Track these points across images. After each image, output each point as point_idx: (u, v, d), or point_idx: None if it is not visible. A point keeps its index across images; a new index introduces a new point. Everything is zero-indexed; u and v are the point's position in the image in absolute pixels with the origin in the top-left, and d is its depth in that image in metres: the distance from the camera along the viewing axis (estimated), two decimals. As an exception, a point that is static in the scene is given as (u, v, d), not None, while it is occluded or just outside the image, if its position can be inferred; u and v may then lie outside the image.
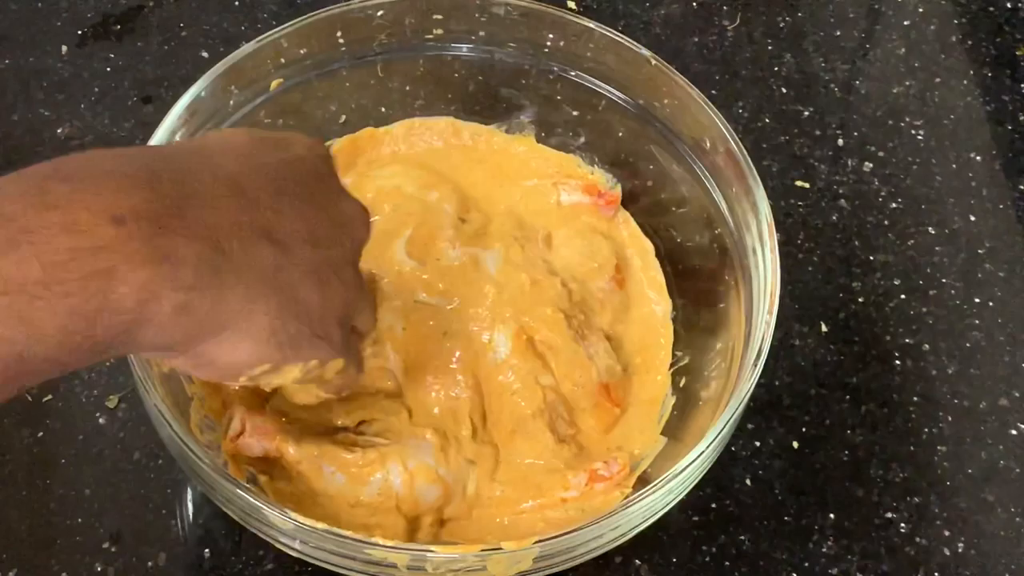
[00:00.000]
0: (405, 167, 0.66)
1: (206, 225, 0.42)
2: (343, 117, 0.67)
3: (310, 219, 0.46)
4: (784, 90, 0.78)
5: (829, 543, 0.61)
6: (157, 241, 0.40)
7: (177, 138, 0.59)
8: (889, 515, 0.62)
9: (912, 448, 0.64)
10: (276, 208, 0.45)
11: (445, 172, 0.67)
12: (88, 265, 0.38)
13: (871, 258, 0.71)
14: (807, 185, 0.73)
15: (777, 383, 0.65)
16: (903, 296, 0.69)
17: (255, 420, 0.56)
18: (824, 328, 0.68)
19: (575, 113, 0.67)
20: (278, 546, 0.51)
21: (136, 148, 0.46)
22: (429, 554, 0.48)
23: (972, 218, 0.73)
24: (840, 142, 0.76)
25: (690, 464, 0.51)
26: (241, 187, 0.44)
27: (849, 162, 0.75)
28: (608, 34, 0.64)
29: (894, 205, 0.73)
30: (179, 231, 0.41)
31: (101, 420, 0.62)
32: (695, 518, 0.61)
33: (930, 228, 0.72)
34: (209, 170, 0.44)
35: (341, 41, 0.65)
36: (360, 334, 0.54)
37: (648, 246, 0.66)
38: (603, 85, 0.65)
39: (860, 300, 0.69)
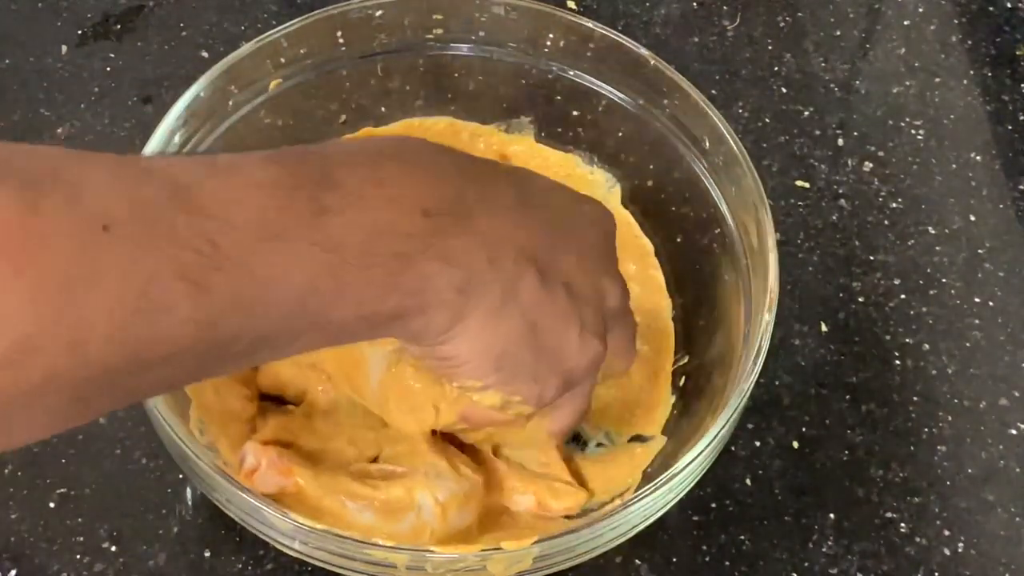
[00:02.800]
0: None
1: (488, 237, 0.45)
2: (343, 117, 0.67)
3: (576, 272, 0.48)
4: (784, 90, 0.78)
5: (829, 543, 0.61)
6: (449, 241, 0.43)
7: (176, 139, 0.59)
8: (889, 515, 0.62)
9: (912, 448, 0.64)
10: (552, 247, 0.47)
11: None
12: (395, 245, 0.42)
13: (871, 258, 0.71)
14: (807, 185, 0.73)
15: (777, 383, 0.65)
16: (903, 296, 0.69)
17: (270, 455, 0.55)
18: (824, 328, 0.68)
19: (575, 113, 0.67)
20: (278, 546, 0.51)
21: (459, 151, 0.49)
22: (429, 554, 0.48)
23: (972, 218, 0.73)
24: (840, 142, 0.76)
25: (690, 464, 0.51)
26: (529, 215, 0.47)
27: (849, 162, 0.75)
28: (608, 34, 0.64)
29: (894, 205, 0.73)
30: (466, 236, 0.44)
31: (101, 420, 0.62)
32: (695, 518, 0.61)
33: (930, 228, 0.72)
34: (509, 188, 0.47)
35: (341, 41, 0.65)
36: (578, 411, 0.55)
37: (648, 246, 0.66)
38: (603, 85, 0.65)
39: (860, 300, 0.69)
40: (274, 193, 0.40)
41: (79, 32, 0.78)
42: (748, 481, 0.62)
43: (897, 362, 0.67)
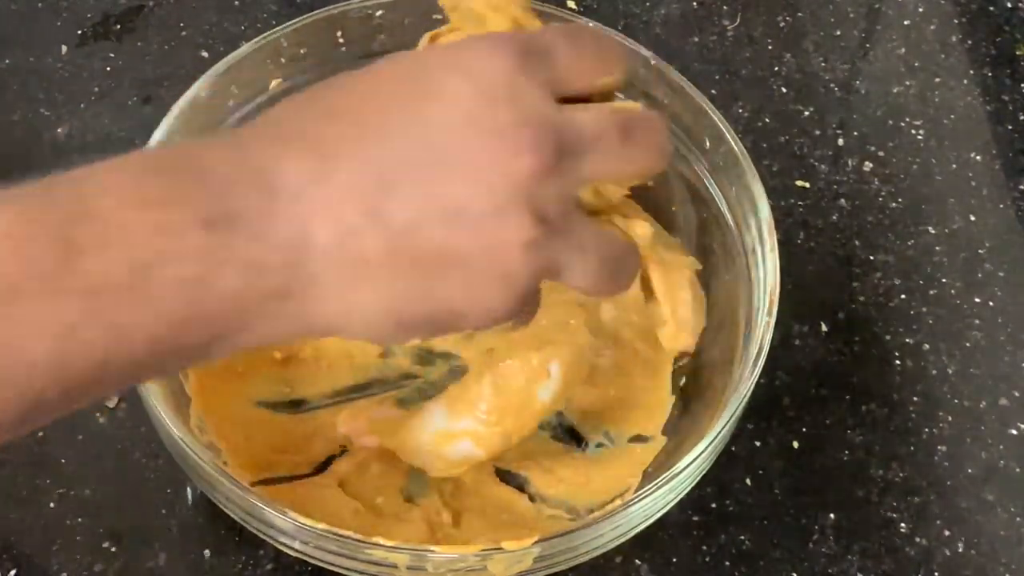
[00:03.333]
0: None
1: (298, 223, 0.38)
2: (343, 117, 0.67)
3: (438, 182, 0.39)
4: (784, 90, 0.78)
5: (829, 543, 0.61)
6: (247, 248, 0.37)
7: (176, 139, 0.59)
8: (889, 515, 0.62)
9: (912, 448, 0.64)
10: (389, 178, 0.39)
11: None
12: (177, 271, 0.36)
13: (871, 258, 0.71)
14: (807, 185, 0.73)
15: (777, 383, 0.65)
16: (903, 296, 0.69)
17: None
18: (824, 328, 0.68)
19: (575, 113, 0.67)
20: (278, 546, 0.51)
21: (263, 124, 0.41)
22: (429, 554, 0.48)
23: (972, 218, 0.73)
24: (840, 142, 0.76)
25: (690, 464, 0.51)
26: (346, 168, 0.39)
27: (849, 162, 0.75)
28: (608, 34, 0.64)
29: (894, 205, 0.73)
30: (267, 235, 0.38)
31: (101, 420, 0.62)
32: (695, 518, 0.61)
33: (930, 228, 0.72)
34: (317, 150, 0.39)
35: (341, 41, 0.65)
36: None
37: (648, 246, 0.66)
38: (603, 85, 0.65)
39: (860, 300, 0.69)
40: (14, 242, 0.35)
41: (79, 32, 0.78)
42: (748, 481, 0.62)
43: (897, 362, 0.67)
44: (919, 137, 0.76)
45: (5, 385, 0.35)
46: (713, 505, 0.61)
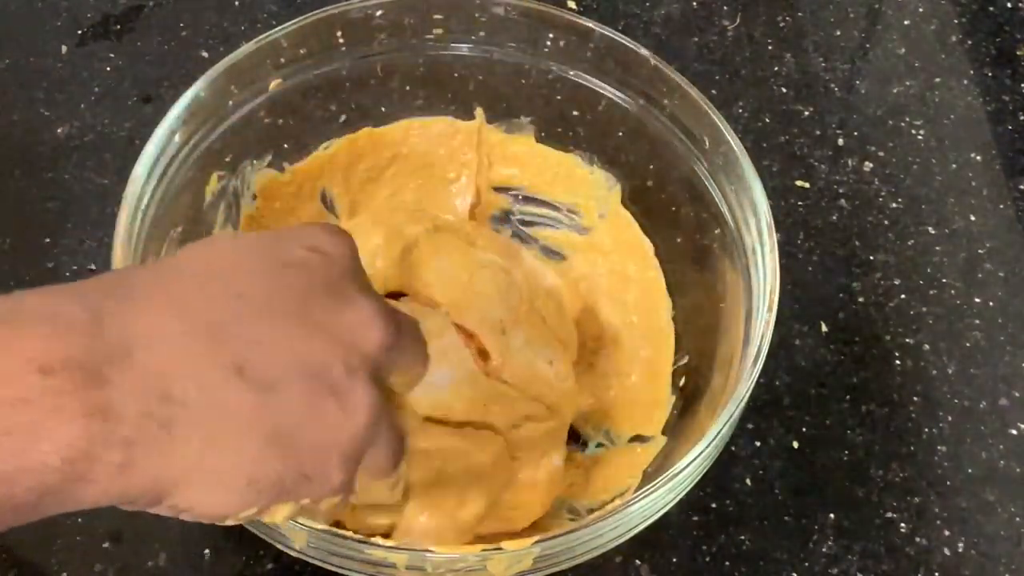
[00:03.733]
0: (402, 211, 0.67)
1: (155, 372, 0.37)
2: (343, 117, 0.67)
3: (299, 342, 0.40)
4: (784, 90, 0.78)
5: (829, 543, 0.61)
6: (90, 394, 0.36)
7: (176, 139, 0.59)
8: (889, 515, 0.62)
9: (912, 448, 0.64)
10: (252, 338, 0.39)
11: None
12: (8, 419, 0.35)
13: (871, 258, 0.71)
14: (807, 185, 0.73)
15: (777, 383, 0.65)
16: (903, 296, 0.69)
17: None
18: (824, 328, 0.68)
19: (575, 113, 0.67)
20: (278, 546, 0.51)
21: (89, 282, 0.40)
22: (428, 554, 0.48)
23: (972, 218, 0.73)
24: (840, 142, 0.76)
25: (690, 464, 0.51)
26: (205, 319, 0.39)
27: (849, 162, 0.75)
28: (608, 34, 0.64)
29: (894, 205, 0.73)
30: (118, 382, 0.36)
31: (101, 420, 0.62)
32: (695, 518, 0.61)
33: (930, 228, 0.72)
34: (169, 301, 0.39)
35: (341, 41, 0.65)
36: (379, 468, 0.45)
37: (648, 246, 0.66)
38: (603, 85, 0.65)
39: (860, 300, 0.69)
40: None
41: (79, 32, 0.78)
42: (748, 481, 0.62)
43: (897, 362, 0.67)
44: (919, 137, 0.76)
45: None
46: (713, 505, 0.61)
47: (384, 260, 0.62)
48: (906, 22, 0.82)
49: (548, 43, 0.66)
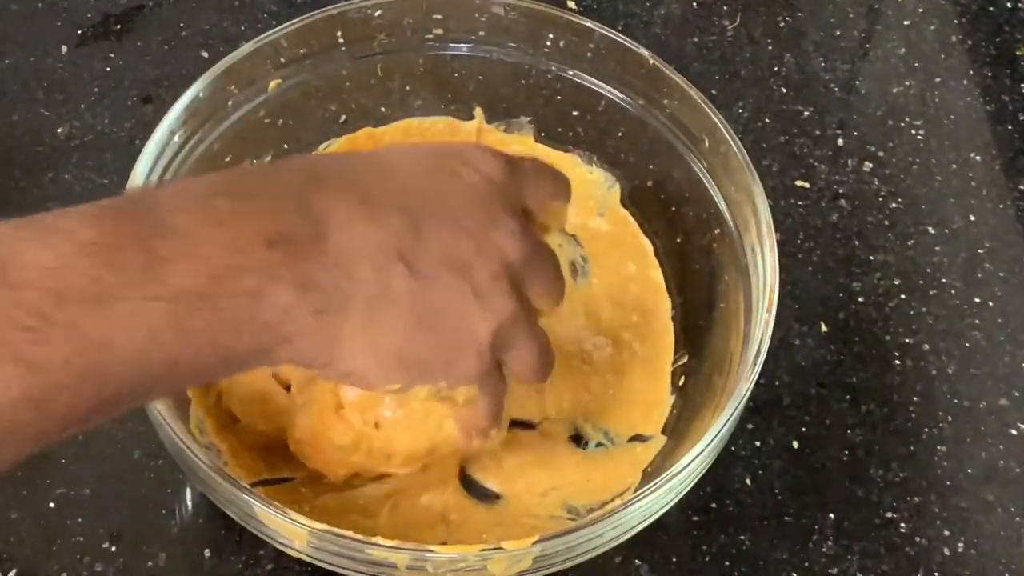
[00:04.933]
0: None
1: (344, 252, 0.43)
2: (343, 117, 0.67)
3: (453, 246, 0.46)
4: (784, 90, 0.78)
5: (829, 543, 0.61)
6: (300, 266, 0.42)
7: (176, 139, 0.59)
8: (889, 515, 0.62)
9: (912, 448, 0.64)
10: (417, 234, 0.45)
11: None
12: (241, 284, 0.41)
13: (871, 258, 0.71)
14: (807, 185, 0.73)
15: (777, 383, 0.65)
16: (903, 296, 0.69)
17: None
18: (824, 328, 0.68)
19: (575, 113, 0.67)
20: (278, 546, 0.51)
21: (298, 164, 0.47)
22: (429, 554, 0.48)
23: (972, 218, 0.73)
24: (840, 142, 0.76)
25: (690, 464, 0.51)
26: (385, 212, 0.45)
27: (849, 162, 0.75)
28: (608, 34, 0.64)
29: (894, 205, 0.73)
30: (319, 257, 0.43)
31: (101, 420, 0.62)
32: (695, 518, 0.61)
33: (930, 228, 0.72)
34: (360, 193, 0.45)
35: (341, 41, 0.65)
36: (512, 373, 0.51)
37: (648, 246, 0.66)
38: (603, 85, 0.65)
39: (860, 300, 0.69)
40: (101, 251, 0.39)
41: (79, 32, 0.78)
42: (748, 481, 0.62)
43: (897, 362, 0.67)
44: (919, 137, 0.76)
45: (91, 380, 0.38)
46: (713, 505, 0.61)
47: None
48: (906, 22, 0.82)
49: (548, 43, 0.66)
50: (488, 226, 0.48)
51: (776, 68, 0.79)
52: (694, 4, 0.82)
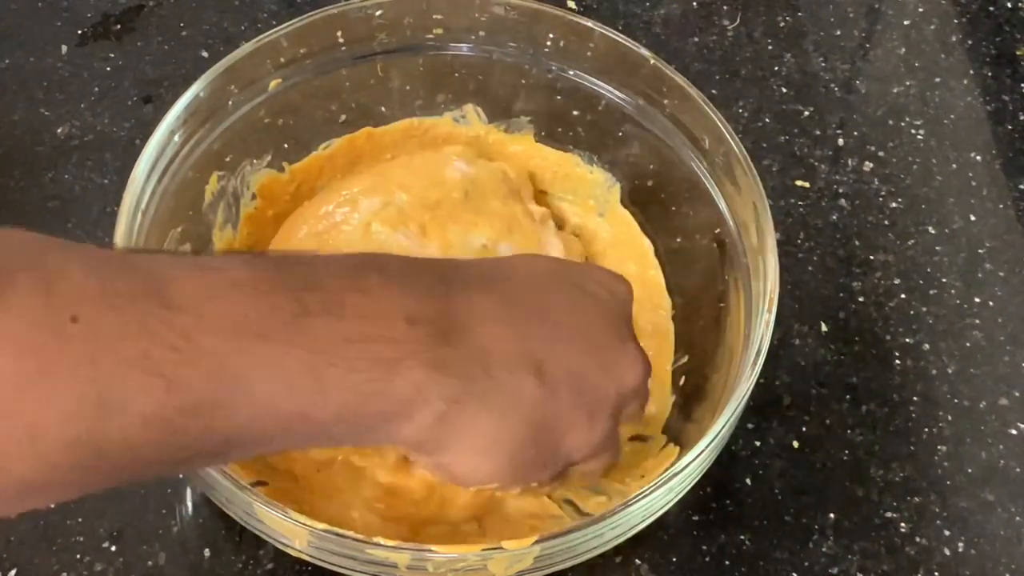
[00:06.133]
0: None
1: (482, 348, 0.44)
2: (343, 117, 0.67)
3: (581, 363, 0.47)
4: (784, 90, 0.78)
5: (829, 543, 0.61)
6: (440, 350, 0.43)
7: (176, 139, 0.59)
8: (889, 515, 0.62)
9: (912, 448, 0.64)
10: (551, 346, 0.47)
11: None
12: (379, 351, 0.41)
13: (871, 258, 0.71)
14: (807, 185, 0.73)
15: (777, 383, 0.65)
16: (903, 296, 0.69)
17: None
18: (824, 328, 0.68)
19: (575, 113, 0.67)
20: (278, 546, 0.51)
21: (442, 261, 0.51)
22: (429, 554, 0.48)
23: (972, 218, 0.73)
24: (840, 142, 0.76)
25: (690, 463, 0.51)
26: (524, 318, 0.47)
27: (849, 162, 0.75)
28: (608, 34, 0.64)
29: (894, 205, 0.73)
30: (459, 346, 0.44)
31: (101, 420, 0.62)
32: (695, 518, 0.61)
33: (930, 228, 0.72)
34: (500, 296, 0.47)
35: (341, 41, 0.65)
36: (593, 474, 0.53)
37: (647, 245, 0.66)
38: (603, 85, 0.65)
39: (860, 300, 0.69)
40: (254, 292, 0.40)
41: (79, 32, 0.78)
42: (748, 481, 0.62)
43: (897, 362, 0.67)
44: (919, 137, 0.76)
45: (224, 412, 0.39)
46: (713, 505, 0.61)
47: None
48: (906, 22, 0.82)
49: (548, 43, 0.66)
50: (617, 348, 0.49)
51: (776, 68, 0.79)
52: (694, 4, 0.82)
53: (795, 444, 0.64)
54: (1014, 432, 0.65)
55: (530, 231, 0.64)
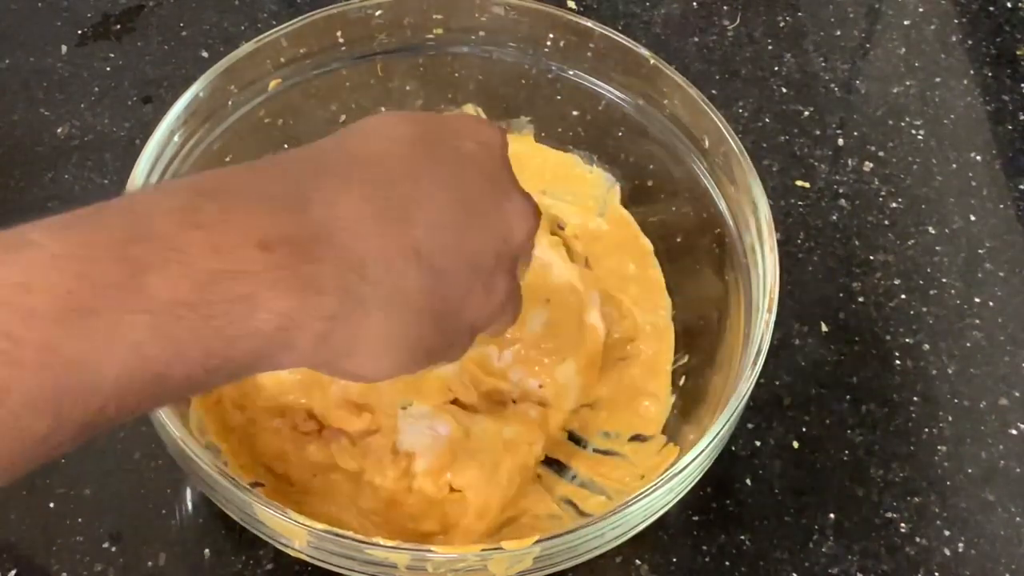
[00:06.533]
0: None
1: (351, 253, 0.41)
2: (343, 117, 0.67)
3: (464, 235, 0.45)
4: (784, 90, 0.78)
5: (829, 543, 0.61)
6: (303, 269, 0.39)
7: (176, 139, 0.59)
8: (889, 515, 0.62)
9: (912, 448, 0.64)
10: (427, 229, 0.43)
11: None
12: (231, 290, 0.38)
13: (871, 258, 0.71)
14: (807, 185, 0.73)
15: (777, 383, 0.65)
16: (903, 296, 0.69)
17: None
18: (824, 328, 0.68)
19: (575, 113, 0.67)
20: (278, 546, 0.51)
21: (291, 160, 0.45)
22: (429, 554, 0.48)
23: (972, 218, 0.73)
24: (840, 142, 0.76)
25: (690, 464, 0.51)
26: (393, 206, 0.43)
27: (849, 162, 0.75)
28: (608, 34, 0.64)
29: (894, 205, 0.73)
30: (326, 259, 0.40)
31: (101, 420, 0.62)
32: (695, 518, 0.61)
33: (930, 228, 0.72)
34: (362, 187, 0.43)
35: (341, 41, 0.65)
36: (497, 332, 0.53)
37: (647, 245, 0.66)
38: (603, 85, 0.65)
39: (860, 300, 0.69)
40: (73, 264, 0.36)
41: (79, 32, 0.78)
42: (748, 481, 0.62)
43: (897, 362, 0.67)
44: (919, 137, 0.76)
45: (72, 401, 0.36)
46: (713, 505, 0.61)
47: None
48: (906, 22, 0.82)
49: (548, 43, 0.66)
50: (501, 205, 0.46)
51: (776, 68, 0.79)
52: (694, 4, 0.82)
53: (795, 444, 0.64)
54: (1014, 432, 0.65)
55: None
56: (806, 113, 0.77)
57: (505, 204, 0.47)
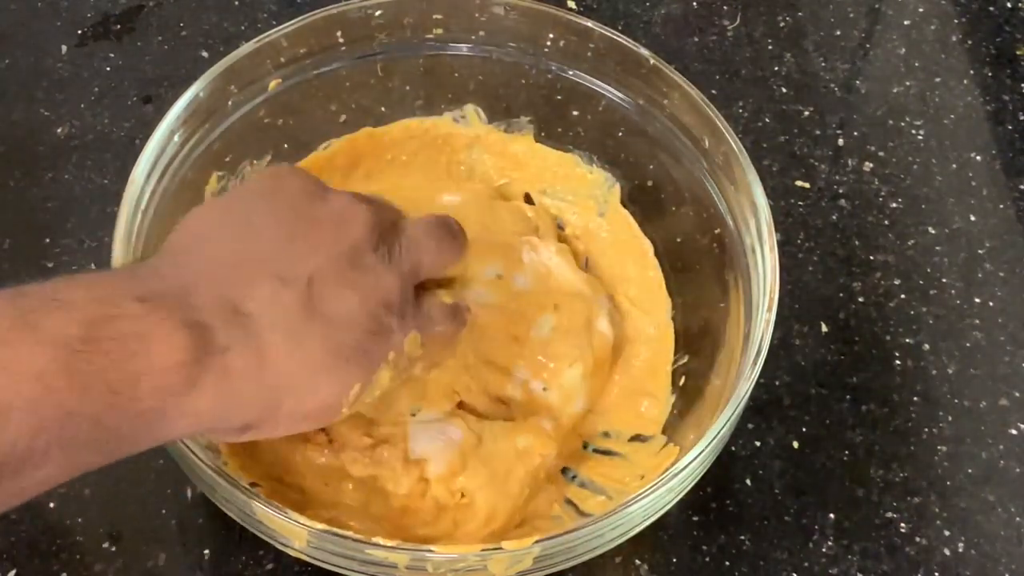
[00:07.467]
0: None
1: (219, 297, 0.43)
2: (343, 117, 0.67)
3: (311, 237, 0.47)
4: (784, 90, 0.78)
5: (829, 543, 0.61)
6: (183, 312, 0.41)
7: (176, 139, 0.59)
8: (889, 515, 0.62)
9: (912, 448, 0.64)
10: (278, 247, 0.46)
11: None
12: (120, 328, 0.39)
13: (871, 258, 0.71)
14: (807, 185, 0.73)
15: (777, 383, 0.65)
16: (903, 296, 0.69)
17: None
18: (824, 328, 0.68)
19: (575, 113, 0.67)
20: (278, 546, 0.51)
21: (130, 264, 0.51)
22: (429, 554, 0.48)
23: (972, 218, 0.73)
24: (840, 142, 0.76)
25: (690, 463, 0.51)
26: (239, 249, 0.46)
27: (849, 162, 0.75)
28: (608, 34, 0.64)
29: (894, 205, 0.73)
30: (199, 304, 0.42)
31: (101, 420, 0.62)
32: (695, 518, 0.61)
33: (930, 228, 0.72)
34: (202, 247, 0.46)
35: (340, 41, 0.65)
36: (432, 289, 0.53)
37: (647, 245, 0.66)
38: (603, 85, 0.65)
39: (860, 300, 0.69)
40: None
41: (79, 32, 0.78)
42: (748, 481, 0.62)
43: (897, 362, 0.67)
44: (919, 137, 0.76)
45: None
46: (713, 505, 0.61)
47: None
48: (906, 22, 0.82)
49: (548, 43, 0.66)
50: (322, 203, 0.49)
51: (776, 68, 0.79)
52: (694, 4, 0.82)
53: (795, 444, 0.64)
54: (1014, 432, 0.65)
55: (536, 263, 0.64)
56: (806, 113, 0.77)
57: (328, 202, 0.49)
